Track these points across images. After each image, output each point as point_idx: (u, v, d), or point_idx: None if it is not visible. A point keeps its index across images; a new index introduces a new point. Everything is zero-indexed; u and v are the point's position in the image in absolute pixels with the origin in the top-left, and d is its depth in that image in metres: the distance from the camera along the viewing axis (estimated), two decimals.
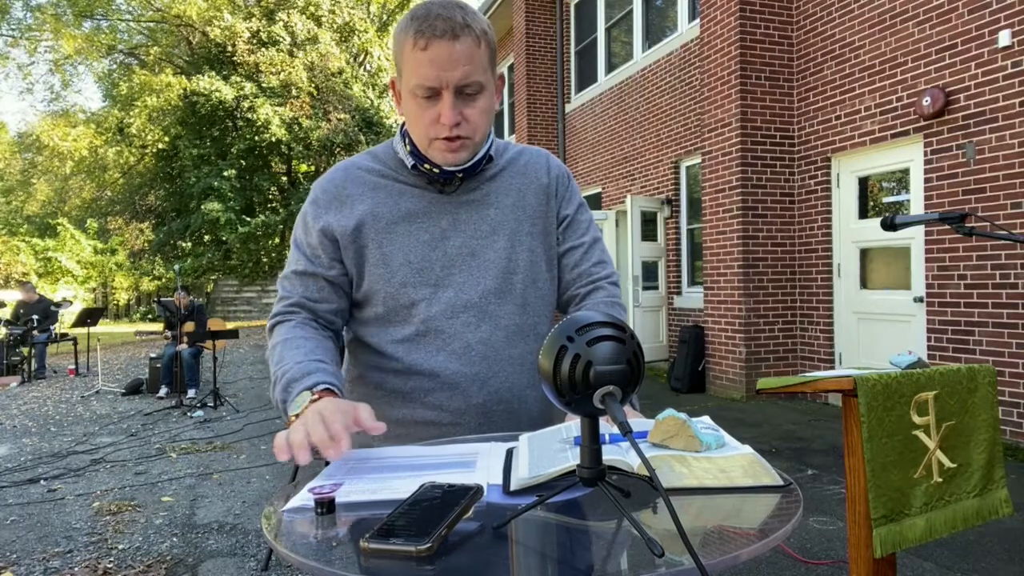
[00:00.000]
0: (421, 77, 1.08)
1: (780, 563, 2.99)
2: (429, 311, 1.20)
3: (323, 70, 22.34)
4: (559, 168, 1.33)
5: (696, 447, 0.89)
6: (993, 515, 1.44)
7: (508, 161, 1.29)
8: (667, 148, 8.88)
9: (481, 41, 1.10)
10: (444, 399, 1.21)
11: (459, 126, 1.12)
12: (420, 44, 1.07)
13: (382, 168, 1.24)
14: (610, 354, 0.69)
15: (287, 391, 1.04)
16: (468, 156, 1.17)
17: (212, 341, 7.52)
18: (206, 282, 25.14)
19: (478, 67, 1.10)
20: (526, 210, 1.26)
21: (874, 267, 6.19)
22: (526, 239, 1.25)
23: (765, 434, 5.36)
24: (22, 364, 10.13)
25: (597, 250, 1.32)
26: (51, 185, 30.89)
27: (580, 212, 1.33)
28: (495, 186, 1.25)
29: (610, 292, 1.30)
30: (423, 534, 0.65)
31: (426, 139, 1.15)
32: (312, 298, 1.23)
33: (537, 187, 1.28)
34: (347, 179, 1.23)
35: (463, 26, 1.07)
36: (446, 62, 1.07)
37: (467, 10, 1.11)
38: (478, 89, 1.11)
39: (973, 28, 5.09)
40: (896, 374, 1.34)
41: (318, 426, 0.88)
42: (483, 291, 1.21)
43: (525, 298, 1.24)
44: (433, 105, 1.11)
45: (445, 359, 1.20)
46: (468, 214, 1.23)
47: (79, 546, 3.44)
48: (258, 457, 5.23)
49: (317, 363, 1.07)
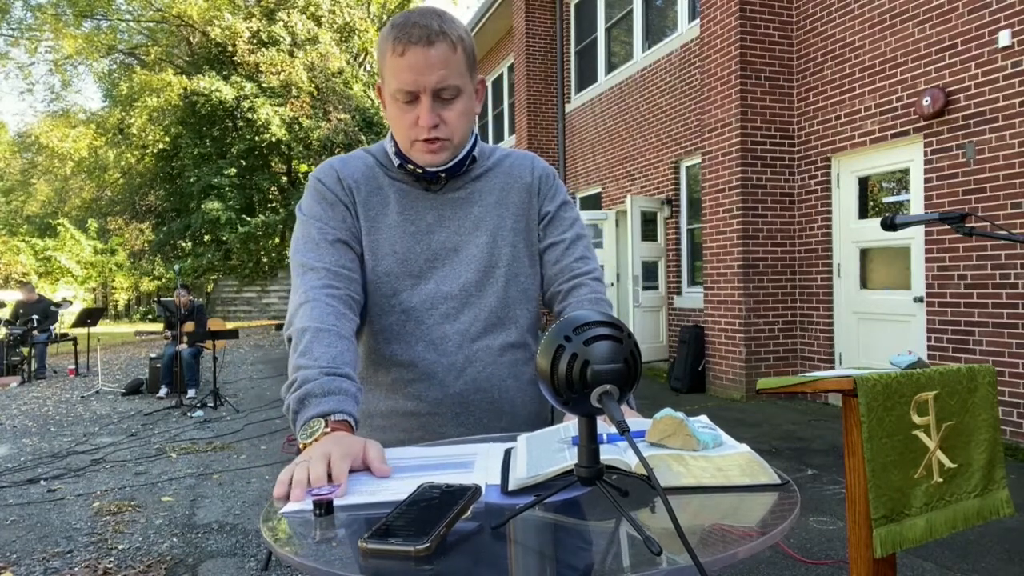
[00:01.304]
0: (400, 82, 1.13)
1: (780, 563, 2.99)
2: (410, 301, 1.23)
3: (323, 70, 22.34)
4: (544, 168, 1.37)
5: (693, 446, 0.89)
6: (994, 515, 1.44)
7: (495, 163, 1.33)
8: (667, 148, 8.88)
9: (457, 47, 1.15)
10: (422, 389, 1.23)
11: (437, 128, 1.17)
12: (398, 50, 1.12)
13: (375, 161, 1.29)
14: (607, 353, 0.69)
15: (302, 403, 1.00)
16: (448, 157, 1.22)
17: (212, 341, 7.52)
18: (206, 282, 25.13)
19: (454, 71, 1.14)
20: (509, 207, 1.30)
21: (874, 267, 6.19)
22: (508, 235, 1.28)
23: (765, 434, 5.36)
24: (22, 364, 10.14)
25: (580, 246, 1.34)
26: (51, 185, 30.91)
27: (563, 209, 1.35)
28: (480, 185, 1.29)
29: (593, 288, 1.31)
30: (422, 534, 0.64)
31: (407, 140, 1.20)
32: (347, 267, 1.20)
33: (521, 185, 1.32)
34: (344, 165, 1.27)
35: (438, 32, 1.12)
36: (422, 67, 1.12)
37: (444, 18, 1.16)
38: (455, 93, 1.16)
39: (973, 28, 5.09)
40: (896, 374, 1.34)
41: (320, 465, 0.86)
42: (463, 283, 1.25)
43: (506, 291, 1.27)
44: (412, 109, 1.16)
45: (423, 349, 1.23)
46: (453, 211, 1.27)
47: (79, 546, 3.44)
48: (258, 457, 5.23)
49: (341, 380, 1.03)
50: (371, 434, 1.26)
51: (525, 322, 1.30)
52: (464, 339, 1.24)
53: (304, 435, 0.97)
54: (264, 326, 20.29)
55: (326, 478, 0.85)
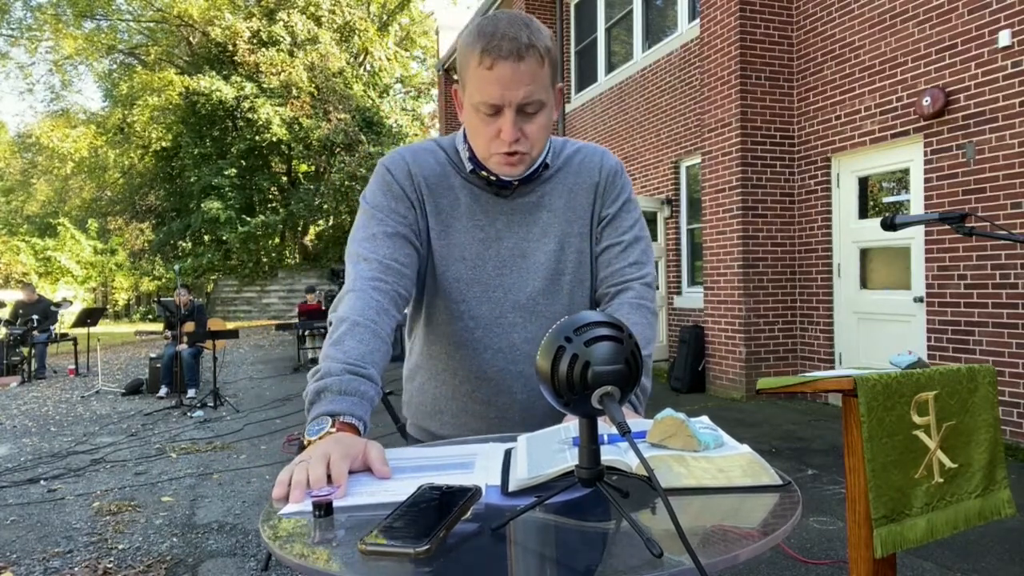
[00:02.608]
0: (485, 95, 1.10)
1: (780, 563, 2.99)
2: (479, 310, 1.23)
3: (323, 70, 22.34)
4: (612, 166, 1.32)
5: (694, 447, 0.89)
6: (995, 515, 1.44)
7: (564, 161, 1.30)
8: (667, 148, 8.88)
9: (545, 59, 1.11)
10: (491, 395, 1.25)
11: (518, 142, 1.13)
12: (486, 63, 1.08)
13: (446, 158, 1.25)
14: (608, 354, 0.68)
15: (319, 396, 0.99)
16: (525, 169, 1.20)
17: (212, 341, 7.52)
18: (206, 282, 25.11)
19: (540, 86, 1.11)
20: (576, 211, 1.28)
21: (874, 267, 6.19)
22: (575, 240, 1.28)
23: (765, 434, 5.36)
24: (22, 364, 10.14)
25: (636, 250, 1.30)
26: (51, 185, 30.88)
27: (624, 209, 1.31)
28: (549, 188, 1.27)
29: (639, 292, 1.28)
30: (421, 536, 0.64)
31: (486, 152, 1.17)
32: (400, 262, 1.17)
33: (588, 186, 1.30)
34: (416, 159, 1.24)
35: (528, 46, 1.08)
36: (510, 82, 1.08)
37: (532, 27, 1.11)
38: (539, 107, 1.13)
39: (973, 28, 5.09)
40: (896, 374, 1.34)
41: (319, 466, 0.85)
42: (531, 292, 1.25)
43: (572, 298, 1.28)
44: (494, 121, 1.12)
45: (491, 357, 1.24)
46: (522, 216, 1.25)
47: (79, 546, 3.44)
48: (258, 457, 5.23)
49: (361, 381, 1.01)
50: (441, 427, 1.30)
51: None
52: (532, 348, 1.24)
53: (310, 431, 0.96)
54: (264, 326, 20.28)
55: (325, 479, 0.84)
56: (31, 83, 40.25)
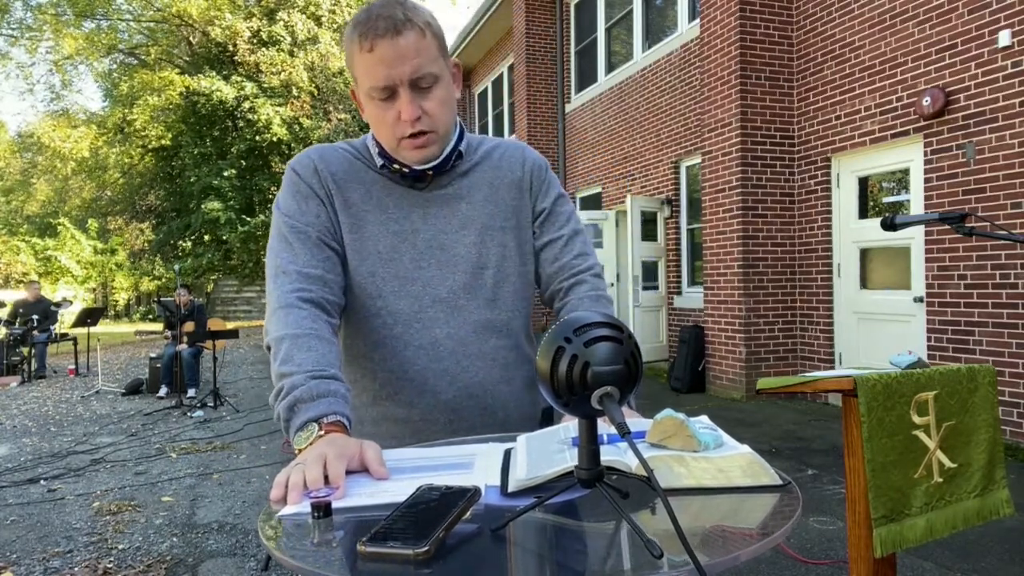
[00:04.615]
0: (373, 78, 1.09)
1: (780, 563, 2.99)
2: (397, 305, 1.19)
3: (323, 70, 22.34)
4: (535, 161, 1.31)
5: (694, 447, 0.89)
6: (994, 515, 1.44)
7: (483, 155, 1.27)
8: (667, 148, 8.88)
9: (426, 32, 1.09)
10: (413, 396, 1.20)
11: (420, 120, 1.11)
12: (366, 46, 1.07)
13: (357, 154, 1.23)
14: (608, 355, 0.68)
15: (292, 411, 0.98)
16: (437, 151, 1.17)
17: (212, 341, 7.52)
18: (206, 282, 25.14)
19: (427, 58, 1.09)
20: (499, 205, 1.25)
21: (874, 267, 6.18)
22: (498, 234, 1.24)
23: (765, 434, 5.36)
24: (22, 364, 10.13)
25: (578, 242, 1.30)
26: (51, 185, 30.87)
27: (558, 204, 1.30)
28: (467, 181, 1.24)
29: (593, 285, 1.27)
30: (421, 537, 0.64)
31: (394, 140, 1.14)
32: (321, 267, 1.14)
33: (511, 180, 1.27)
34: (323, 156, 1.22)
35: (404, 21, 1.07)
36: (393, 59, 1.07)
37: (407, 4, 1.10)
38: (433, 80, 1.11)
39: (973, 28, 5.09)
40: (896, 374, 1.34)
41: (316, 467, 0.84)
42: (451, 286, 1.20)
43: (496, 293, 1.23)
44: (392, 105, 1.11)
45: (412, 355, 1.19)
46: (439, 208, 1.22)
47: (79, 546, 3.44)
48: (258, 457, 5.23)
49: (328, 382, 1.00)
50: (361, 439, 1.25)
51: (517, 324, 1.26)
52: (456, 344, 1.20)
53: (299, 441, 0.95)
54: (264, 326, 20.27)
55: (323, 480, 0.83)
56: (31, 83, 40.22)
